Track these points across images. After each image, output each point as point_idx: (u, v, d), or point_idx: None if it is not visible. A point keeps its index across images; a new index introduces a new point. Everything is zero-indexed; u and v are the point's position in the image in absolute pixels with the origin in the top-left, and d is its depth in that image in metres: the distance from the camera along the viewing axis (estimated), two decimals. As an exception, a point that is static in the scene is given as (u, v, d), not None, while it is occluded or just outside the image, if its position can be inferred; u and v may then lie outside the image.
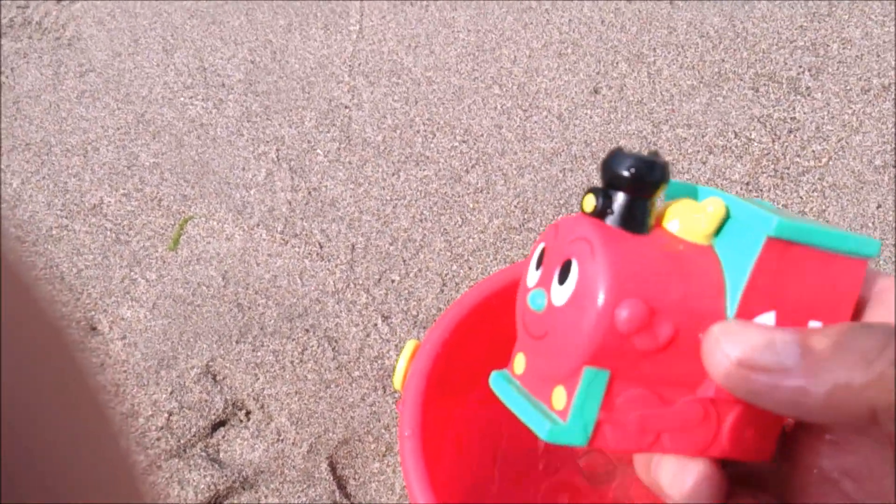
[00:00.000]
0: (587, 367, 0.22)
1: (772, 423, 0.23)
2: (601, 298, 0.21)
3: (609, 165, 0.22)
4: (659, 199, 0.23)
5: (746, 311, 0.22)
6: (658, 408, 0.23)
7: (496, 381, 0.26)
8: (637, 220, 0.22)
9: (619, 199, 0.22)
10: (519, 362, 0.25)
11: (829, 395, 0.18)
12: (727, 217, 0.22)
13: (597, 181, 1.03)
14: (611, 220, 0.22)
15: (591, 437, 0.22)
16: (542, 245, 0.24)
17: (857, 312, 0.22)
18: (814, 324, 0.22)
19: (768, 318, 0.22)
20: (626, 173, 0.22)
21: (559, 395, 0.23)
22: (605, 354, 0.22)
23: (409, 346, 0.52)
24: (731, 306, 0.22)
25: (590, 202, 0.23)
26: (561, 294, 0.22)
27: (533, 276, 0.24)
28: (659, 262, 0.22)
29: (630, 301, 0.21)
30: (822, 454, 0.22)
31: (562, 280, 0.22)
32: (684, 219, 0.23)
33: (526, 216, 0.97)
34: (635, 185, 0.22)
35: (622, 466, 0.54)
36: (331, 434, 0.76)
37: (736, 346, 0.20)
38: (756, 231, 0.22)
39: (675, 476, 0.22)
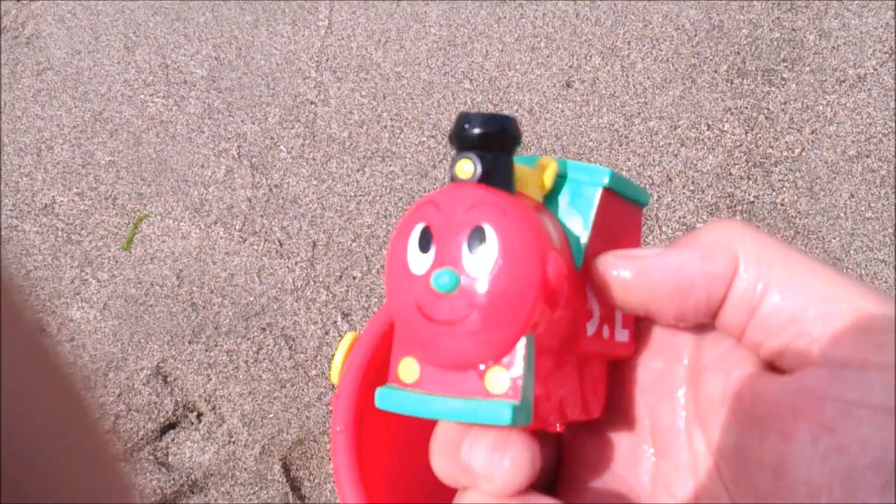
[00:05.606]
0: (527, 335, 0.20)
1: (598, 377, 0.24)
2: (534, 255, 0.20)
3: (474, 127, 0.21)
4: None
5: (590, 257, 0.22)
6: (556, 372, 0.21)
7: (390, 399, 0.21)
8: (511, 179, 0.21)
9: (492, 160, 0.21)
10: (408, 369, 0.21)
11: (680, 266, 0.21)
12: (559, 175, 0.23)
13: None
14: (490, 183, 0.21)
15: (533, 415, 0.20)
16: (421, 224, 0.21)
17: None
18: None
19: None
20: (496, 130, 0.20)
21: (497, 378, 0.20)
22: (538, 316, 0.20)
23: (347, 338, 0.50)
24: (578, 256, 0.22)
25: (467, 168, 0.21)
26: (478, 263, 0.20)
27: (421, 259, 0.21)
28: (538, 216, 0.21)
29: (551, 254, 0.20)
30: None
31: (474, 249, 0.20)
32: (521, 176, 0.22)
33: (493, 211, 0.94)
34: (504, 142, 0.21)
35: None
36: (285, 435, 0.73)
37: (624, 261, 0.22)
38: (591, 183, 0.22)
39: (490, 457, 0.20)
